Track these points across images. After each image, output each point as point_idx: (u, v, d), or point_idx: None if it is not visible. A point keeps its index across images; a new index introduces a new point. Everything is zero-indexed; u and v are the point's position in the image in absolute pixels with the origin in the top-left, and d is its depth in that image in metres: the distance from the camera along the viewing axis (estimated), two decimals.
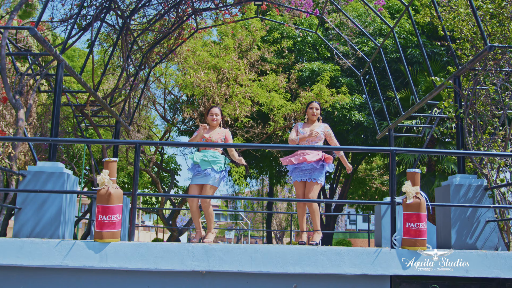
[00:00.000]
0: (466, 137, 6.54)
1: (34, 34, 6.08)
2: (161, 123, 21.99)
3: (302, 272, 4.37)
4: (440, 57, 16.34)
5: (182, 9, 9.96)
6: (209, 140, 6.57)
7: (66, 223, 5.80)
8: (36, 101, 12.58)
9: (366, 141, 17.08)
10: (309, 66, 16.78)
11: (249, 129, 15.52)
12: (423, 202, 4.55)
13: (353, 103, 16.49)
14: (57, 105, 6.52)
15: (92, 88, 8.55)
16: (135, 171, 4.73)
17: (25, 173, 5.74)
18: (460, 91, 6.71)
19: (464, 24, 7.03)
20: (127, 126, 10.19)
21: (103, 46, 13.01)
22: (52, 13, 8.35)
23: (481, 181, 6.06)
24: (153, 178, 17.59)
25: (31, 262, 4.29)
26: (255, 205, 41.39)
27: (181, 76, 15.50)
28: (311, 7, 10.21)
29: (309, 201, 6.27)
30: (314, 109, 6.84)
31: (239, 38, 15.42)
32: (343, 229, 50.13)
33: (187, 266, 4.33)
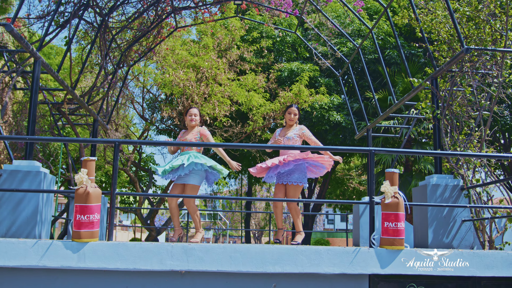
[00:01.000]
0: (443, 138, 6.64)
1: (11, 31, 5.99)
2: (140, 122, 21.85)
3: (281, 272, 4.38)
4: (418, 58, 16.55)
5: (161, 7, 9.88)
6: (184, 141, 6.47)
7: (42, 223, 5.72)
8: (12, 98, 12.37)
9: (344, 141, 17.21)
10: (288, 66, 16.83)
11: (228, 129, 15.50)
12: (401, 201, 4.60)
13: (331, 103, 16.60)
14: (33, 103, 6.44)
15: (70, 86, 8.45)
16: (114, 170, 4.68)
17: (1, 172, 5.64)
18: (437, 92, 6.80)
19: (442, 26, 7.13)
20: (105, 125, 10.09)
21: (81, 43, 12.85)
22: (29, 9, 8.25)
23: (457, 181, 6.16)
24: (131, 177, 17.43)
25: (7, 263, 4.22)
26: (234, 205, 41.37)
27: (160, 75, 15.40)
28: (291, 7, 10.24)
29: (288, 201, 6.18)
30: (292, 115, 6.68)
31: (218, 37, 15.38)
32: (321, 228, 50.44)
33: (166, 266, 4.30)
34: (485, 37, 6.61)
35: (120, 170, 18.55)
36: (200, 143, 6.01)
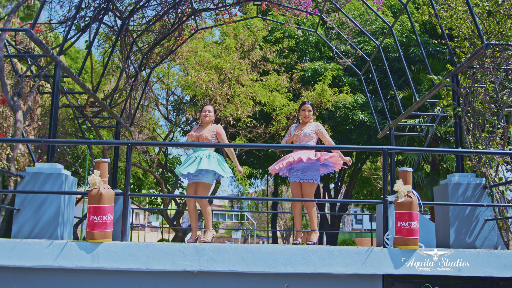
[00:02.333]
0: (465, 136, 6.50)
1: (30, 36, 6.10)
2: (166, 124, 22.04)
3: (293, 272, 4.36)
4: (443, 55, 16.26)
5: (181, 9, 9.96)
6: (200, 137, 6.62)
7: (64, 224, 5.82)
8: (39, 102, 12.64)
9: (369, 140, 17.02)
10: (312, 65, 16.75)
11: (252, 129, 15.51)
12: (415, 201, 4.52)
13: (355, 102, 16.44)
14: (55, 107, 6.54)
15: (92, 89, 8.58)
16: (126, 171, 4.74)
17: (24, 174, 5.76)
18: (458, 89, 6.67)
19: (462, 22, 6.98)
20: (128, 127, 10.21)
21: (105, 46, 13.05)
22: (50, 14, 8.41)
23: (479, 179, 6.02)
24: (157, 178, 17.61)
25: (23, 263, 4.31)
26: (261, 205, 41.36)
27: (182, 77, 15.53)
28: (311, 6, 10.19)
29: (309, 201, 6.23)
30: (307, 112, 6.79)
31: (241, 38, 15.42)
32: (350, 228, 50.02)
33: (178, 266, 4.33)
34: (507, 32, 6.45)
35: (147, 171, 18.75)
36: (214, 143, 6.08)
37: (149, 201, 26.70)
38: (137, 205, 21.49)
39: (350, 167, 21.34)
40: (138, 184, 23.39)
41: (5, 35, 6.66)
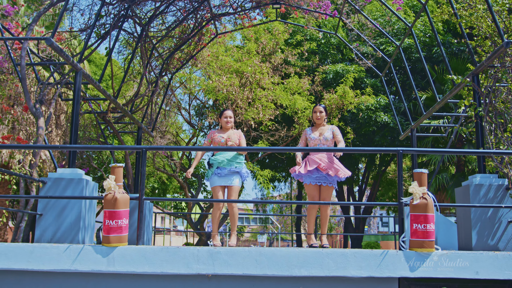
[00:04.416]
0: (486, 136, 6.39)
1: (51, 44, 6.23)
2: (189, 128, 22.20)
3: (307, 275, 4.34)
4: (467, 55, 16.00)
5: (200, 14, 10.03)
6: (228, 140, 6.76)
7: (86, 229, 5.91)
8: (65, 109, 12.88)
9: (392, 142, 16.85)
10: (333, 68, 16.67)
11: (274, 133, 15.51)
12: (431, 202, 4.46)
13: (378, 104, 16.29)
14: (75, 113, 6.66)
15: (113, 95, 8.70)
16: (141, 175, 4.79)
17: (45, 180, 5.88)
18: (479, 89, 6.56)
19: (482, 21, 6.87)
20: (150, 132, 10.32)
21: (128, 52, 13.22)
22: (71, 23, 8.57)
23: (502, 180, 5.90)
24: (181, 183, 17.74)
25: (41, 267, 4.39)
26: (285, 209, 41.27)
27: (204, 81, 15.63)
28: (330, 8, 10.14)
29: (329, 204, 6.23)
30: (318, 113, 6.89)
31: (262, 42, 15.44)
32: (376, 231, 49.48)
33: (192, 269, 4.35)
34: None
35: (171, 176, 18.91)
36: (236, 147, 6.18)
37: (173, 205, 26.94)
38: (161, 210, 21.67)
39: (373, 170, 21.13)
40: (163, 189, 23.63)
41: (27, 43, 6.82)
